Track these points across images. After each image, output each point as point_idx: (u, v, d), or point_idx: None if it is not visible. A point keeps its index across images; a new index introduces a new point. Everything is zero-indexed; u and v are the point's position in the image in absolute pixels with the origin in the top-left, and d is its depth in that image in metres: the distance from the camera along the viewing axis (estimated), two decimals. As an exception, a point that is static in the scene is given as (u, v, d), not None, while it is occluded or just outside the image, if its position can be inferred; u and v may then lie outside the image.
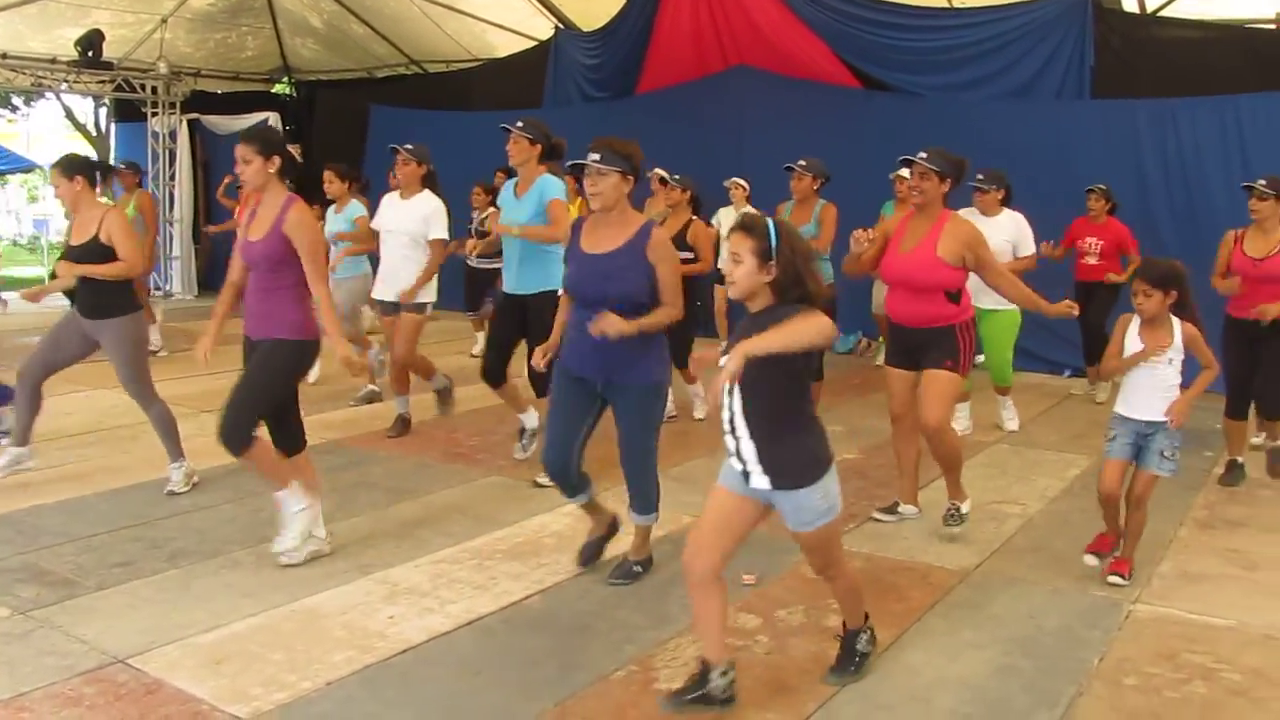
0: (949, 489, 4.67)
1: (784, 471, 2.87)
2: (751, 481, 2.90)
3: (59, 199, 5.11)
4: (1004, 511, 5.06)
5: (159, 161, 13.47)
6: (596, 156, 3.66)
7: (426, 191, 6.05)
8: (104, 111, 18.85)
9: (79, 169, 4.99)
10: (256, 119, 13.04)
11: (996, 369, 6.46)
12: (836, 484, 2.96)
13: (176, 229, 13.53)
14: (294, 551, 4.19)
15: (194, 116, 13.61)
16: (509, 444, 5.96)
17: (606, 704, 3.15)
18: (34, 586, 3.95)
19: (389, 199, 6.23)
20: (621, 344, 3.63)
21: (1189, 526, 4.88)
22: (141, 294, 9.26)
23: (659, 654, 3.46)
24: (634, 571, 4.09)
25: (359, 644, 3.51)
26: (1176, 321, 3.97)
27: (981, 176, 6.01)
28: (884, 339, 6.59)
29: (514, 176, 5.33)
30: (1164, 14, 8.68)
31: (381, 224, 6.23)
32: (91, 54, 12.18)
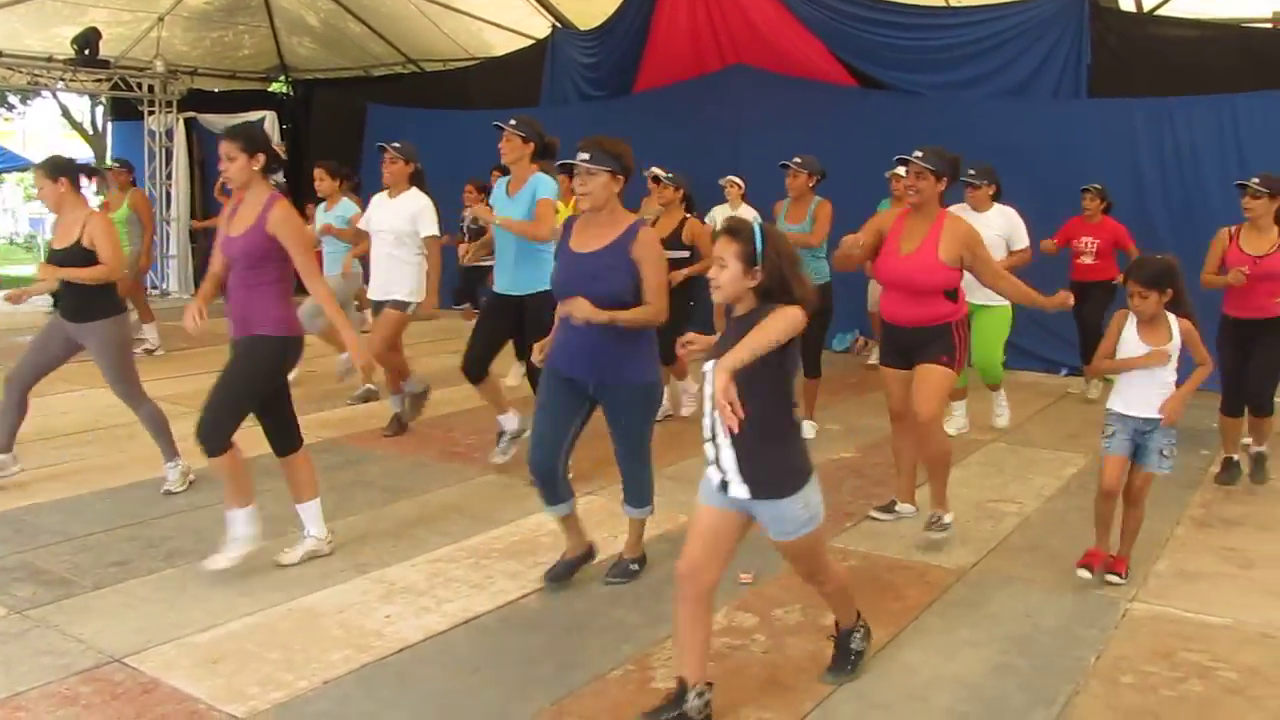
0: (934, 497, 4.57)
1: (763, 481, 2.83)
2: (730, 490, 2.86)
3: (43, 200, 5.07)
4: (1001, 510, 5.06)
5: (155, 160, 13.45)
6: (586, 156, 3.64)
7: (414, 189, 6.02)
8: (100, 110, 18.81)
9: (63, 170, 4.95)
10: (253, 118, 13.04)
11: (987, 365, 6.43)
12: (818, 494, 2.92)
13: (173, 228, 13.51)
14: (291, 551, 4.21)
15: (191, 115, 13.60)
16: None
17: (603, 703, 3.15)
18: (30, 585, 3.95)
19: (378, 199, 6.20)
20: (611, 344, 3.63)
21: (1186, 525, 4.89)
22: (139, 293, 9.31)
23: (656, 653, 3.46)
24: (631, 570, 4.10)
25: (356, 643, 3.51)
26: (1173, 318, 3.95)
27: (973, 172, 6.01)
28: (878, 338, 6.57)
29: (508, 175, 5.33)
30: (1161, 13, 8.70)
31: (370, 223, 6.21)
32: (88, 52, 12.16)
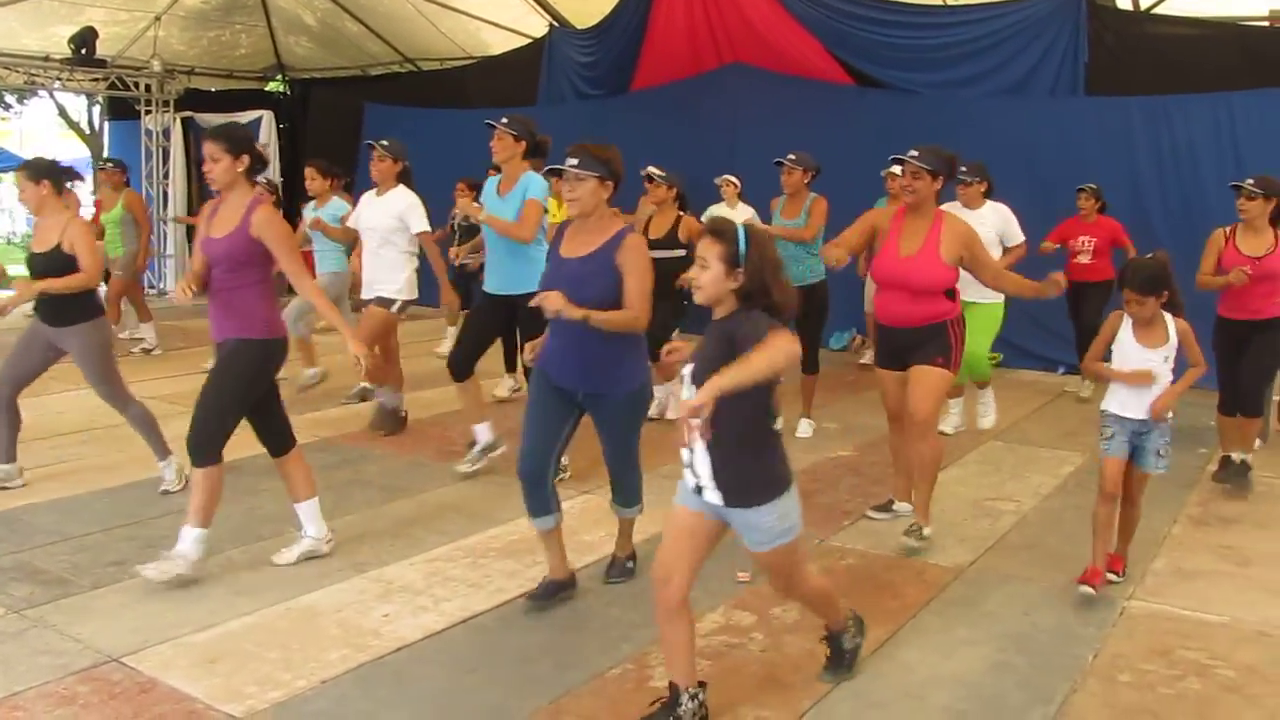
0: (917, 505, 4.52)
1: (737, 489, 2.79)
2: (704, 495, 2.83)
3: (23, 202, 5.05)
4: (998, 508, 5.06)
5: (152, 160, 13.43)
6: (574, 161, 3.60)
7: (401, 187, 5.98)
8: (97, 110, 18.79)
9: (45, 173, 4.93)
10: (250, 117, 13.06)
11: (975, 362, 6.35)
12: (796, 505, 2.86)
13: (170, 227, 13.49)
14: (287, 551, 4.21)
15: (188, 114, 13.58)
16: (502, 442, 5.92)
17: (601, 701, 3.16)
18: (28, 585, 3.94)
19: (366, 197, 6.18)
20: (599, 351, 3.59)
21: (1183, 523, 4.90)
22: (137, 292, 9.31)
23: (654, 651, 3.45)
24: (628, 569, 4.10)
25: (354, 642, 3.51)
26: (1170, 318, 3.90)
27: (964, 169, 5.98)
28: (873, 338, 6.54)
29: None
30: (1157, 11, 8.70)
31: (358, 221, 6.20)
32: (85, 52, 12.14)
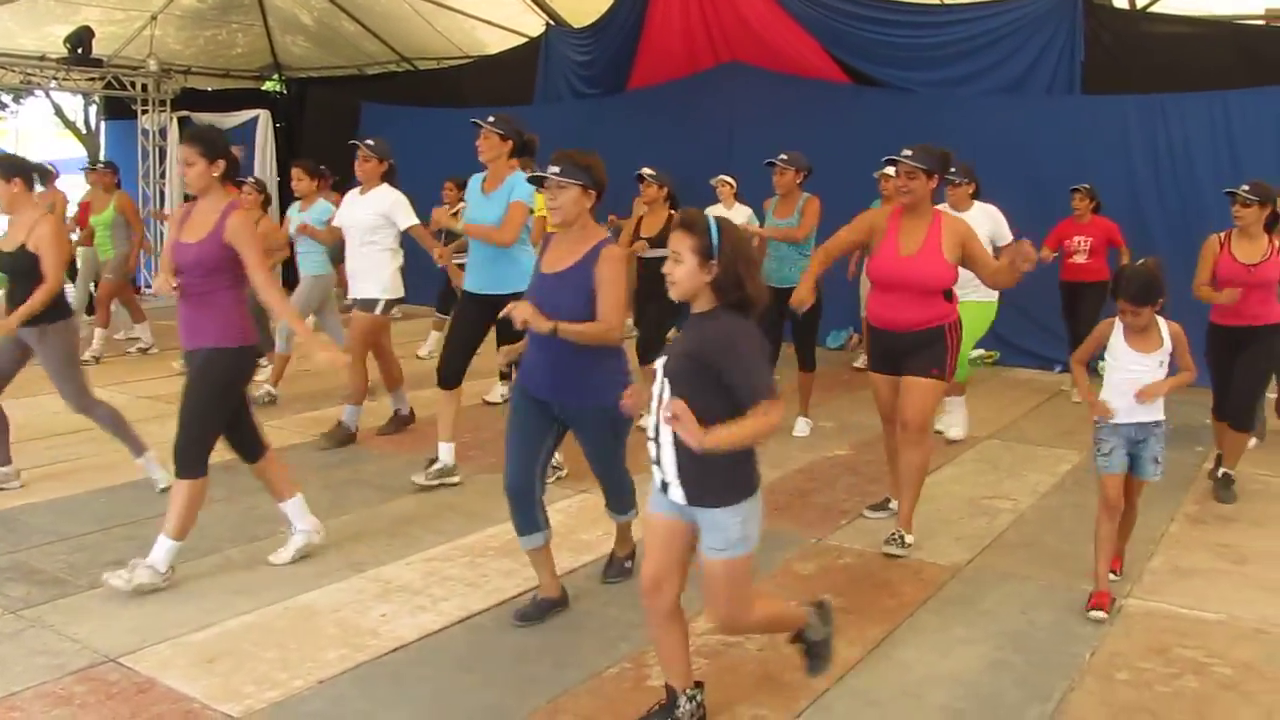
0: (901, 513, 4.49)
1: (700, 488, 2.71)
2: (670, 493, 2.78)
3: None
4: (995, 507, 5.07)
5: (149, 159, 13.40)
6: (557, 169, 3.52)
7: (385, 185, 5.96)
8: (94, 109, 18.74)
9: (17, 171, 4.90)
10: (247, 116, 13.04)
11: (959, 363, 6.30)
12: (758, 516, 2.77)
13: (166, 227, 13.47)
14: (283, 550, 4.21)
15: (184, 114, 13.53)
16: (499, 441, 5.84)
17: (599, 701, 3.16)
18: (25, 585, 3.94)
19: (349, 196, 6.16)
20: (572, 364, 3.53)
21: (1180, 522, 4.90)
22: (128, 294, 9.30)
23: (651, 651, 3.43)
24: (626, 568, 4.10)
25: (351, 642, 3.51)
26: (1163, 323, 3.83)
27: (953, 170, 5.95)
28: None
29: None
30: (1153, 10, 8.72)
31: (341, 221, 6.19)
32: (81, 51, 12.10)
